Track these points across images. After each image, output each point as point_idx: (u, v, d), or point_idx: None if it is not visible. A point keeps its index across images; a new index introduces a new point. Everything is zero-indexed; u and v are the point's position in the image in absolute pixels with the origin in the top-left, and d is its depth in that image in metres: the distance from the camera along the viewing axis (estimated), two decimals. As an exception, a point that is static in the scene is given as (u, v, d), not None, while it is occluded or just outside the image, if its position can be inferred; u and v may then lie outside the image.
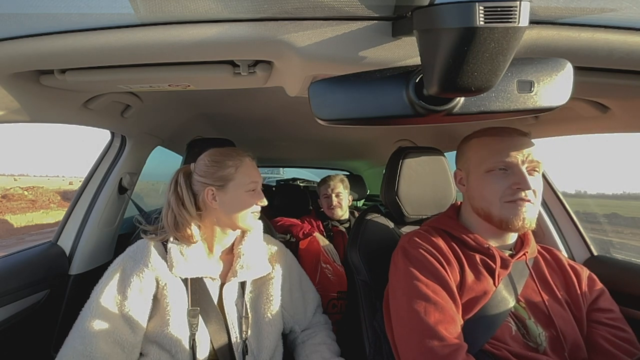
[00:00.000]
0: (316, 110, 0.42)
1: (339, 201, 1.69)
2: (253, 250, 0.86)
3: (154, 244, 0.81)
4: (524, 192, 0.66)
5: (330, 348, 0.86)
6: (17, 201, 13.51)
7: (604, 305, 0.68)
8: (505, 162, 0.68)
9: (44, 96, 0.70)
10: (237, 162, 0.83)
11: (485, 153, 0.71)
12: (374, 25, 0.45)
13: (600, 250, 1.06)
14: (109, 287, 0.74)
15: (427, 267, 0.68)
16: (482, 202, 0.72)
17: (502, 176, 0.68)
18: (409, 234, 0.79)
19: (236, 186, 0.82)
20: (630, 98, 0.68)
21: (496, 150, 0.69)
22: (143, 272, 0.76)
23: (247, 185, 0.82)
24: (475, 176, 0.73)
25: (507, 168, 0.68)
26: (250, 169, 0.85)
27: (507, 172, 0.68)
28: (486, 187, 0.70)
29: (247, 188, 0.82)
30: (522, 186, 0.66)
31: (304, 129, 1.69)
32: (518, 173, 0.67)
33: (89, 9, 0.45)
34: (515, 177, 0.67)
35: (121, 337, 0.70)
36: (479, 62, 0.33)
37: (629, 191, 44.96)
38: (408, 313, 0.64)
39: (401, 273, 0.71)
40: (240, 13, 0.45)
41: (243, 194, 0.82)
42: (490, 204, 0.70)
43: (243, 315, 0.80)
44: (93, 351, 0.67)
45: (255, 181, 0.84)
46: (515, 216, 0.67)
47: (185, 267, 0.78)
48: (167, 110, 1.19)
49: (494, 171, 0.69)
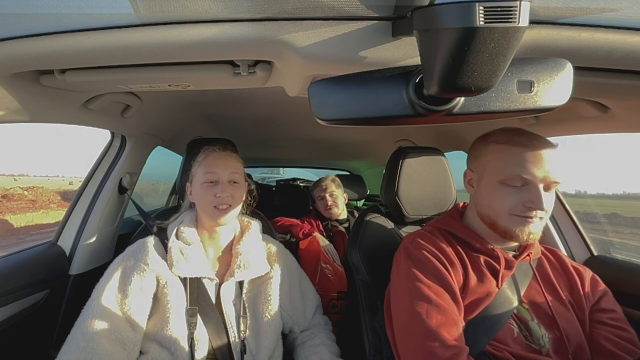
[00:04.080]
0: (316, 110, 0.42)
1: (333, 200, 1.71)
2: (251, 250, 0.86)
3: (155, 243, 0.82)
4: (535, 211, 0.64)
5: (330, 349, 0.86)
6: (17, 201, 13.50)
7: (607, 306, 0.68)
8: (522, 178, 0.64)
9: (44, 96, 0.70)
10: (204, 155, 0.86)
11: (502, 163, 0.67)
12: (374, 25, 0.45)
13: (600, 250, 1.06)
14: (110, 286, 0.74)
15: (430, 268, 0.68)
16: (489, 211, 0.70)
17: (516, 191, 0.65)
18: (411, 235, 0.78)
19: (197, 178, 0.85)
20: (630, 98, 0.68)
21: (515, 163, 0.65)
22: (144, 271, 0.76)
23: (203, 176, 0.83)
24: (487, 184, 0.70)
25: (524, 184, 0.65)
26: (211, 161, 0.84)
27: (523, 188, 0.65)
28: (497, 199, 0.68)
29: (203, 179, 0.83)
30: (535, 206, 0.63)
31: (304, 129, 1.69)
32: (534, 192, 0.63)
33: (89, 9, 0.45)
34: (530, 196, 0.64)
35: (122, 335, 0.71)
36: (479, 62, 0.33)
37: (629, 191, 44.92)
38: (409, 315, 0.64)
39: (403, 274, 0.70)
40: (240, 13, 0.45)
41: (199, 186, 0.83)
42: (497, 215, 0.68)
43: (241, 315, 0.80)
44: (95, 348, 0.67)
45: (210, 171, 0.83)
46: (522, 231, 0.65)
47: (185, 267, 0.78)
48: (167, 110, 1.19)
49: (508, 185, 0.66)
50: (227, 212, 0.82)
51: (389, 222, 1.00)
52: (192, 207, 0.92)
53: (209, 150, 0.87)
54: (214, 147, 0.88)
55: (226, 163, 0.84)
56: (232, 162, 0.86)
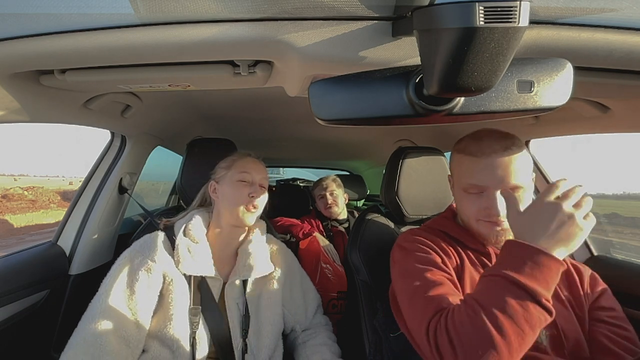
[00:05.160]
0: (316, 110, 0.42)
1: (334, 199, 1.71)
2: (255, 250, 0.87)
3: (163, 239, 0.82)
4: (496, 217, 0.66)
5: (331, 349, 0.86)
6: (17, 201, 13.49)
7: (606, 304, 0.68)
8: (477, 186, 0.67)
9: (44, 96, 0.70)
10: (236, 157, 0.89)
11: (462, 171, 0.71)
12: (374, 25, 0.45)
13: (600, 250, 1.06)
14: (118, 282, 0.74)
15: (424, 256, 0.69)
16: (462, 216, 0.75)
17: (476, 197, 0.68)
18: (404, 234, 0.79)
19: (229, 177, 0.86)
20: (630, 98, 0.68)
21: (470, 172, 0.68)
22: (151, 268, 0.76)
23: (237, 175, 0.85)
24: (456, 191, 0.75)
25: (481, 191, 0.68)
26: (246, 163, 0.87)
27: (481, 194, 0.68)
28: (463, 205, 0.72)
29: (237, 178, 0.84)
30: (492, 212, 0.66)
31: (304, 129, 1.69)
32: (490, 198, 0.66)
33: (89, 9, 0.45)
34: (486, 202, 0.66)
35: (127, 333, 0.71)
36: (479, 62, 0.33)
37: (629, 191, 44.84)
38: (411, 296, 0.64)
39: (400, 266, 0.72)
40: (240, 13, 0.45)
41: (233, 183, 0.84)
42: (468, 219, 0.72)
43: (243, 314, 0.80)
44: (103, 344, 0.67)
45: (245, 171, 0.85)
46: (490, 234, 0.68)
47: (191, 264, 0.78)
48: (167, 110, 1.19)
49: (468, 191, 0.70)
50: (254, 213, 0.85)
51: (389, 222, 1.00)
52: (201, 207, 0.92)
53: (243, 154, 0.91)
54: (247, 152, 0.93)
55: (259, 167, 0.88)
56: (263, 169, 0.90)
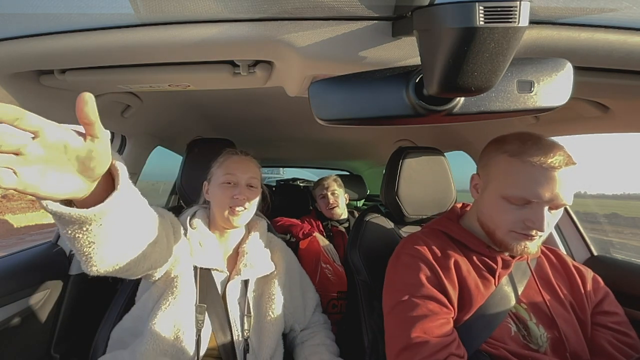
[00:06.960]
0: (316, 110, 0.42)
1: (335, 199, 1.70)
2: (257, 249, 0.87)
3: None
4: (535, 230, 0.62)
5: (330, 349, 0.86)
6: (17, 201, 13.46)
7: (609, 309, 0.68)
8: (527, 200, 0.62)
9: (44, 96, 0.70)
10: (224, 158, 0.88)
11: (509, 180, 0.63)
12: (374, 25, 0.45)
13: (600, 250, 1.06)
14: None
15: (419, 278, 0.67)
16: (489, 222, 0.69)
17: (518, 208, 0.63)
18: (406, 240, 0.78)
19: (216, 178, 0.86)
20: (630, 98, 0.68)
21: (522, 184, 0.61)
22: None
23: (222, 177, 0.84)
24: (490, 195, 0.68)
25: (527, 203, 0.62)
26: (231, 164, 0.86)
27: (526, 206, 0.62)
28: (498, 213, 0.66)
29: (222, 180, 0.84)
30: (535, 227, 0.61)
31: (304, 129, 1.69)
32: (538, 213, 0.61)
33: (89, 9, 0.45)
34: (532, 215, 0.61)
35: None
36: (479, 62, 0.33)
37: (629, 191, 44.85)
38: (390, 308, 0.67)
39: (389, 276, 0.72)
40: (240, 13, 0.45)
41: (217, 186, 0.84)
42: (496, 227, 0.67)
43: (245, 314, 0.80)
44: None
45: (229, 173, 0.84)
46: (518, 245, 0.65)
47: (202, 257, 0.79)
48: (167, 110, 1.19)
49: (511, 201, 0.64)
50: (241, 214, 0.83)
51: (389, 222, 1.00)
52: (204, 205, 0.93)
53: (231, 153, 0.89)
54: (235, 150, 0.91)
55: (246, 167, 0.86)
56: (251, 167, 0.88)
